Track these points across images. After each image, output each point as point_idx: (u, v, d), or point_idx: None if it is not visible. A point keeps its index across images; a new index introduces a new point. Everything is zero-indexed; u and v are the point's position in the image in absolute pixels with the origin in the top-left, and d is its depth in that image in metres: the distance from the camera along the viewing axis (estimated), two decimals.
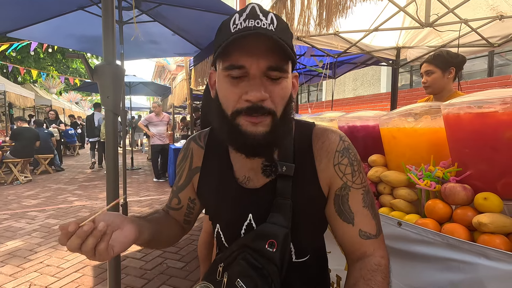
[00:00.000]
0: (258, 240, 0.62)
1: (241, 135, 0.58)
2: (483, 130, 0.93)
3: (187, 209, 0.80)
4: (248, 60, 0.56)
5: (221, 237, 0.73)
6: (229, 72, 0.57)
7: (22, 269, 2.45)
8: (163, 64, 13.86)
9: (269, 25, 0.56)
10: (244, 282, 0.58)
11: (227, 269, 0.64)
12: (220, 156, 0.72)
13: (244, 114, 0.57)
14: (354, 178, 0.67)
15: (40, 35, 3.45)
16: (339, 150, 0.67)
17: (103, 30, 1.31)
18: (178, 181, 0.80)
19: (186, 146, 0.80)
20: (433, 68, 1.83)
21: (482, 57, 5.38)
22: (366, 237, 0.65)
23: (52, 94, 14.30)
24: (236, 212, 0.69)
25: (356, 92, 8.24)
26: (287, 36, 0.59)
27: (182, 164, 0.79)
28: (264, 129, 0.58)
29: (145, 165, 8.87)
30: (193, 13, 2.85)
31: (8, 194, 5.10)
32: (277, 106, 0.59)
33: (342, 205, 0.66)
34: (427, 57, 1.90)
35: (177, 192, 0.80)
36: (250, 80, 0.56)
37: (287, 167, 0.65)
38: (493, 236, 0.83)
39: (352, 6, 1.62)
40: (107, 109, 1.33)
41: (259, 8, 0.57)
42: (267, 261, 0.60)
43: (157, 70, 24.99)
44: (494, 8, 2.52)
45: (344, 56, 3.62)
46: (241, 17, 0.57)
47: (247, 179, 0.69)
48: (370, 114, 1.51)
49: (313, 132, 0.70)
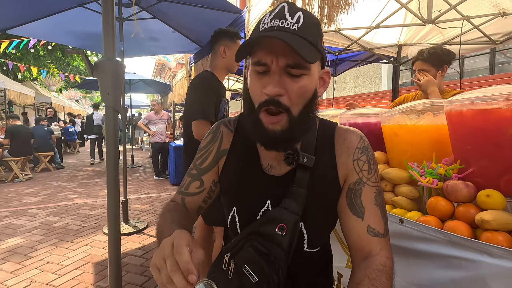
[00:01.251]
0: (268, 224, 0.65)
1: (262, 129, 0.63)
2: (486, 127, 0.92)
3: (208, 192, 0.79)
4: (269, 58, 0.60)
5: (236, 221, 0.75)
6: (256, 67, 0.63)
7: (23, 266, 2.46)
8: (163, 62, 13.84)
9: (294, 24, 0.59)
10: (251, 268, 0.61)
11: (234, 258, 0.66)
12: (248, 142, 0.75)
13: (264, 108, 0.62)
14: (369, 175, 0.70)
15: (40, 32, 3.44)
16: (359, 147, 0.72)
17: (103, 26, 1.30)
18: (202, 164, 0.79)
19: (216, 129, 0.81)
20: (428, 67, 1.78)
21: (483, 55, 5.36)
22: (374, 234, 0.66)
23: (52, 91, 14.26)
24: (255, 196, 0.72)
25: (357, 90, 8.22)
26: (312, 34, 0.61)
27: (210, 146, 0.80)
28: (281, 127, 0.62)
29: (146, 162, 8.87)
30: (193, 10, 2.84)
31: (8, 192, 5.10)
32: (293, 104, 0.62)
33: (354, 199, 0.69)
34: (419, 55, 1.84)
35: (200, 174, 0.79)
36: (270, 75, 0.61)
37: (308, 158, 0.69)
38: (496, 233, 0.83)
39: (354, 2, 1.60)
40: (108, 105, 1.32)
41: (288, 7, 0.61)
42: (275, 246, 0.63)
43: (157, 67, 24.95)
44: (496, 5, 2.50)
45: (345, 53, 3.60)
46: (269, 17, 0.62)
47: (270, 166, 0.73)
48: (372, 111, 1.51)
49: (335, 131, 0.75)
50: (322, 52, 0.65)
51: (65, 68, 14.93)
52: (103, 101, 1.31)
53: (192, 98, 1.74)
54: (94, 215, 3.80)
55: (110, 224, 1.40)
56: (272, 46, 0.60)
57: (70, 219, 3.64)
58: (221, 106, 1.76)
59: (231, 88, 7.03)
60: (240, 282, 0.62)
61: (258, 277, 0.60)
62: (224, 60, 1.84)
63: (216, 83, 1.78)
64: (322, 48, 0.65)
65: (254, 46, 0.62)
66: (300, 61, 0.59)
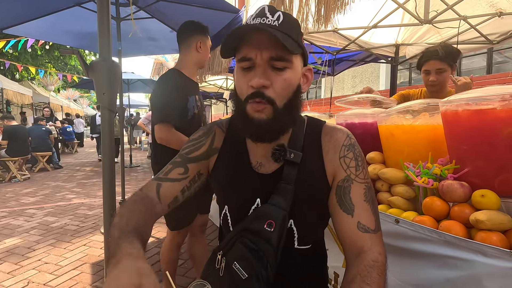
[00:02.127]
0: (257, 220, 0.66)
1: (248, 120, 0.65)
2: (481, 127, 0.92)
3: (190, 181, 0.77)
4: (254, 52, 0.63)
5: (228, 219, 0.77)
6: (241, 64, 0.65)
7: (20, 266, 2.45)
8: (161, 61, 13.79)
9: (274, 21, 0.62)
10: (240, 264, 0.63)
11: (226, 255, 0.67)
12: (238, 141, 0.77)
13: (250, 100, 0.64)
14: (357, 172, 0.71)
15: (37, 31, 3.42)
16: (346, 144, 0.73)
17: (99, 26, 1.30)
18: (190, 153, 0.79)
19: (209, 127, 0.83)
20: (445, 66, 1.62)
21: (481, 54, 5.37)
22: (364, 230, 0.66)
23: (50, 91, 14.21)
24: (246, 195, 0.73)
25: (355, 89, 8.22)
26: (293, 30, 0.64)
27: (203, 139, 0.80)
28: (267, 116, 0.64)
29: (144, 162, 8.86)
30: (191, 9, 2.83)
31: (6, 192, 5.08)
32: (277, 96, 0.64)
33: (344, 196, 0.69)
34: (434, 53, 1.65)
35: (185, 162, 0.78)
36: (255, 69, 0.64)
37: (295, 155, 0.70)
38: (490, 233, 0.83)
39: (350, 3, 1.61)
40: (103, 106, 1.32)
41: (268, 8, 0.64)
42: (264, 242, 0.64)
43: (155, 67, 24.84)
44: (493, 5, 2.51)
45: (343, 53, 3.60)
46: (251, 17, 0.65)
47: (259, 164, 0.74)
48: (369, 111, 1.51)
49: (323, 128, 0.76)
50: (303, 48, 0.68)
51: (63, 67, 14.88)
52: (98, 102, 1.31)
53: (154, 101, 1.62)
54: (92, 215, 3.78)
55: (106, 224, 1.40)
56: (255, 41, 0.63)
57: (68, 219, 3.63)
58: (189, 105, 1.61)
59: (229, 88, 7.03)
60: (231, 279, 0.63)
61: (248, 273, 0.62)
62: (198, 55, 1.72)
63: (181, 82, 1.64)
64: (303, 45, 0.68)
65: (239, 42, 0.65)
66: (283, 54, 0.62)
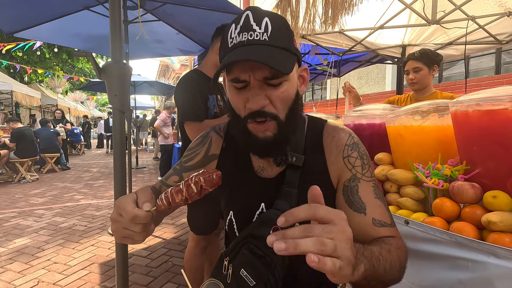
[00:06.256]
0: (262, 226, 0.65)
1: (251, 138, 0.64)
2: (492, 128, 0.92)
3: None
4: (246, 74, 0.60)
5: (233, 225, 0.76)
6: (234, 84, 0.62)
7: (30, 266, 2.49)
8: (167, 63, 13.91)
9: (263, 34, 0.58)
10: (247, 271, 0.61)
11: (232, 261, 0.66)
12: (237, 146, 0.75)
13: (250, 120, 0.62)
14: (364, 171, 0.69)
15: (46, 35, 3.48)
16: (349, 144, 0.71)
17: (111, 29, 1.32)
18: (187, 162, 0.80)
19: (206, 134, 0.83)
20: (421, 65, 1.89)
21: (489, 55, 5.31)
22: (381, 225, 0.64)
23: (58, 93, 14.42)
24: (249, 200, 0.72)
25: (361, 91, 8.18)
26: (283, 37, 0.60)
27: (198, 149, 0.81)
28: (272, 132, 0.63)
29: (150, 164, 8.92)
30: (197, 12, 2.85)
31: (15, 192, 5.16)
32: (279, 110, 0.62)
33: (352, 196, 0.67)
34: (410, 56, 1.95)
35: (181, 171, 0.80)
36: (250, 89, 0.61)
37: (297, 158, 0.69)
38: (503, 234, 0.83)
39: (358, 3, 1.61)
40: (114, 107, 1.34)
41: (253, 16, 0.59)
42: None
43: (161, 69, 25.07)
44: (502, 5, 2.48)
45: (349, 54, 3.59)
46: (236, 30, 0.60)
47: (261, 169, 0.73)
48: (377, 112, 1.51)
49: (324, 128, 0.74)
50: (296, 53, 0.64)
51: (71, 70, 15.08)
52: (110, 103, 1.33)
53: (179, 100, 1.68)
54: (100, 216, 3.83)
55: None
56: (246, 63, 0.59)
57: (76, 220, 3.68)
58: (209, 104, 1.66)
59: None
60: (239, 286, 0.63)
61: (255, 280, 0.61)
62: (217, 56, 1.73)
63: (202, 82, 1.68)
64: (296, 48, 0.64)
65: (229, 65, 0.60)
66: (277, 72, 0.58)
